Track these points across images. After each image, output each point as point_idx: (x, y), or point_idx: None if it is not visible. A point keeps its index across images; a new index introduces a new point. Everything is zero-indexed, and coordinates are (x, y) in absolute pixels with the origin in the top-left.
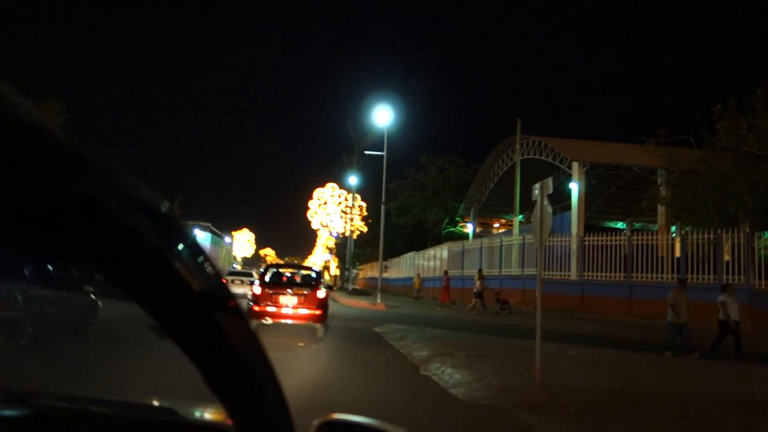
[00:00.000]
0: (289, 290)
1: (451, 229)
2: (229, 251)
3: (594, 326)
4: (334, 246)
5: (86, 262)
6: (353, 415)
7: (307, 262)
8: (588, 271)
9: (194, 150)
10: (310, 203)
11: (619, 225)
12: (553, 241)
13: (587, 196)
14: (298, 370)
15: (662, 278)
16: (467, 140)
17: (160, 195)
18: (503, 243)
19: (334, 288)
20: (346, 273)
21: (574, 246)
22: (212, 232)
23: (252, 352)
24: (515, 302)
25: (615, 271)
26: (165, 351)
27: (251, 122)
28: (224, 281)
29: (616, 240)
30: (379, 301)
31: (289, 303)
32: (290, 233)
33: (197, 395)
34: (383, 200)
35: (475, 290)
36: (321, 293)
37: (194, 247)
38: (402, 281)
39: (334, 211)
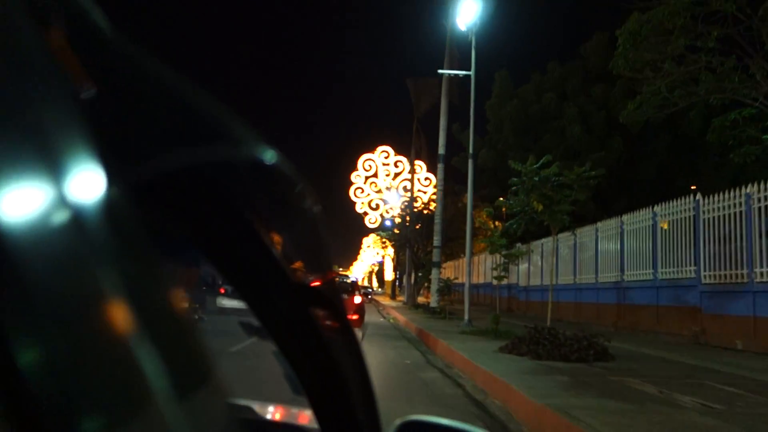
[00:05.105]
0: None
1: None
2: None
3: None
4: (390, 237)
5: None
6: (434, 417)
7: (350, 273)
8: None
9: None
10: (354, 176)
11: None
12: None
13: None
14: None
15: None
16: None
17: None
18: None
19: (377, 295)
20: (419, 275)
21: None
22: None
23: (346, 351)
24: None
25: None
26: None
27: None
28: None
29: None
30: None
31: None
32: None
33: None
34: None
35: None
36: (357, 299)
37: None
38: (565, 293)
39: (387, 185)
